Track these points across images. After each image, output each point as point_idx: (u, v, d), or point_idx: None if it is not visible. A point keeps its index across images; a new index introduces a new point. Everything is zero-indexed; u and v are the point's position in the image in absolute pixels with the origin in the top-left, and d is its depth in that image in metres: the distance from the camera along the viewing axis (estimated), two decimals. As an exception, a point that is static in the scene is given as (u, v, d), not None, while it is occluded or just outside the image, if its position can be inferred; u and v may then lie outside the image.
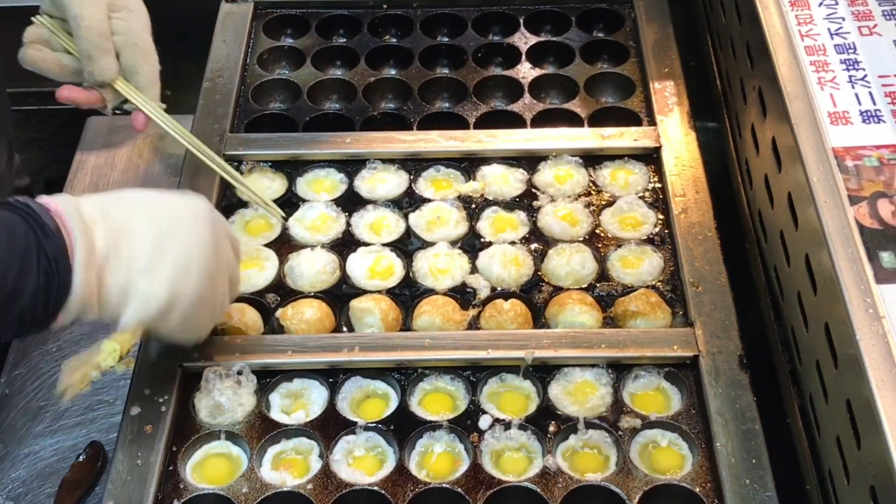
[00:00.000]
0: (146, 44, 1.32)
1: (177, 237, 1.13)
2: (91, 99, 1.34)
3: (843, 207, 1.15)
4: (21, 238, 1.03)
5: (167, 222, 1.13)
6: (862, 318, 1.06)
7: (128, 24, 1.30)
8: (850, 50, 1.32)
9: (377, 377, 1.34)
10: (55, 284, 1.05)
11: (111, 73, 1.29)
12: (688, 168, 1.54)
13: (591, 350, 1.34)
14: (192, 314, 1.15)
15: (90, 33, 1.26)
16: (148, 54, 1.32)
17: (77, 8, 1.26)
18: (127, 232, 1.10)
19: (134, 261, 1.09)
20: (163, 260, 1.11)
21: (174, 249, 1.12)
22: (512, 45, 1.78)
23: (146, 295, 1.11)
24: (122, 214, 1.11)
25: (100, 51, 1.27)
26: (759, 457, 1.22)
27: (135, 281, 1.10)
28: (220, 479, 1.25)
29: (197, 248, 1.14)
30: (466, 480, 1.23)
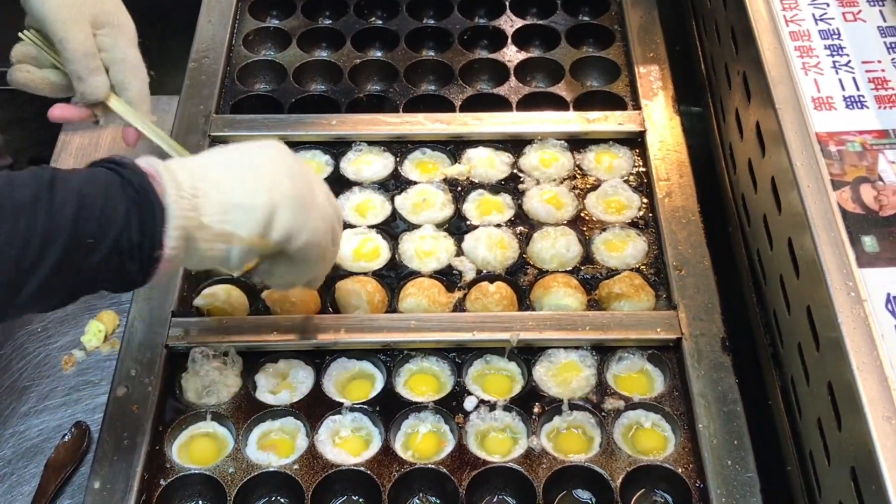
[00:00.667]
0: (134, 59, 1.30)
1: (258, 156, 1.13)
2: (83, 116, 1.33)
3: (825, 192, 1.16)
4: (102, 175, 1.03)
5: (241, 150, 1.14)
6: (844, 301, 1.07)
7: (113, 41, 1.28)
8: (834, 36, 1.33)
9: (363, 358, 1.35)
10: (147, 210, 1.03)
11: (102, 91, 1.28)
12: (672, 152, 1.55)
13: (575, 332, 1.34)
14: (299, 218, 1.12)
15: (76, 55, 1.25)
16: (136, 69, 1.31)
17: (62, 31, 1.25)
18: (208, 166, 1.10)
19: (222, 183, 1.09)
20: (250, 174, 1.11)
21: (259, 164, 1.12)
22: (498, 28, 1.79)
23: (245, 205, 1.09)
24: (199, 158, 1.12)
25: (88, 70, 1.27)
26: (740, 438, 1.23)
27: (231, 198, 1.08)
28: (206, 459, 1.26)
29: (281, 159, 1.14)
30: (452, 461, 1.24)
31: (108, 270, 1.02)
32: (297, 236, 1.13)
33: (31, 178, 0.99)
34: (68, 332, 1.52)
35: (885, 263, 1.09)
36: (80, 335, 1.51)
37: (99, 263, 1.01)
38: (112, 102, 1.30)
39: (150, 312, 1.37)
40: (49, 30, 1.26)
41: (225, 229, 1.08)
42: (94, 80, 1.28)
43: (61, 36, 1.25)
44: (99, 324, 1.51)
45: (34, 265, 0.97)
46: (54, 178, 1.00)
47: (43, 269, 0.97)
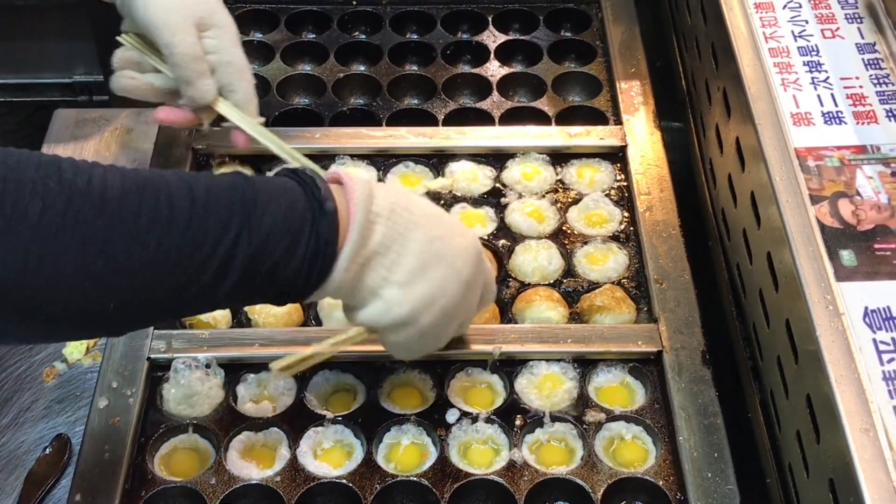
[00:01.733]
0: (240, 60, 1.29)
1: (440, 267, 1.11)
2: (189, 119, 1.32)
3: (804, 206, 1.17)
4: (298, 215, 1.03)
5: (439, 247, 1.11)
6: (822, 314, 1.08)
7: (219, 42, 1.27)
8: (813, 52, 1.34)
9: (346, 370, 1.35)
10: (318, 266, 1.04)
11: (210, 94, 1.27)
12: (653, 167, 1.56)
13: (557, 345, 1.35)
14: (417, 338, 1.14)
15: (185, 59, 1.23)
16: (243, 71, 1.29)
17: (168, 36, 1.23)
18: (401, 239, 1.09)
19: (396, 270, 1.08)
20: (419, 281, 1.10)
21: (433, 276, 1.11)
22: (481, 43, 1.80)
23: (390, 305, 1.10)
24: (405, 221, 1.09)
25: (196, 74, 1.25)
26: (720, 451, 1.24)
27: (387, 288, 1.09)
28: (187, 471, 1.26)
29: (452, 284, 1.13)
30: (434, 473, 1.24)
31: (256, 299, 1.11)
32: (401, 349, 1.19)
33: (230, 201, 1.00)
34: (49, 345, 1.51)
35: (862, 277, 1.11)
36: (61, 347, 1.50)
37: (253, 296, 1.07)
38: (220, 105, 1.29)
39: (132, 324, 1.37)
40: (155, 35, 1.24)
41: (362, 302, 1.11)
42: (202, 84, 1.26)
43: (168, 41, 1.23)
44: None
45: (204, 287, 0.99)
46: (252, 209, 1.00)
47: (210, 293, 1.00)
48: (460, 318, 1.19)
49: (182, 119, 1.32)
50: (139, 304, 0.97)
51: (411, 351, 1.19)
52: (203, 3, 1.26)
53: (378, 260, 1.08)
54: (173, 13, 1.24)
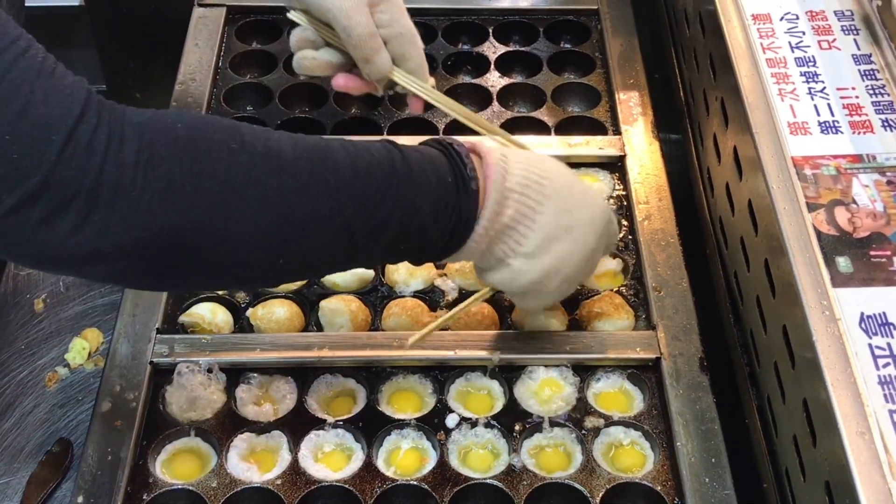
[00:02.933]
0: (409, 30, 1.34)
1: (567, 239, 1.19)
2: (366, 88, 1.39)
3: (801, 214, 1.19)
4: (445, 191, 1.11)
5: (567, 221, 1.19)
6: (819, 320, 1.09)
7: (390, 16, 1.32)
8: (809, 63, 1.36)
9: (347, 375, 1.36)
10: (456, 238, 1.13)
11: (387, 67, 1.33)
12: (651, 176, 1.58)
13: (556, 352, 1.36)
14: (540, 299, 1.25)
15: (362, 40, 1.29)
16: (413, 39, 1.35)
17: (345, 20, 1.28)
18: (532, 213, 1.16)
19: (524, 242, 1.16)
20: (545, 253, 1.18)
21: (558, 249, 1.19)
22: (481, 54, 1.82)
23: (516, 274, 1.18)
24: (536, 195, 1.16)
25: (373, 51, 1.31)
26: (718, 456, 1.25)
27: (514, 258, 1.17)
28: (189, 474, 1.26)
29: (577, 256, 1.21)
30: (433, 477, 1.25)
31: (403, 258, 1.17)
32: (526, 301, 1.27)
33: (388, 169, 1.08)
34: (52, 350, 1.52)
35: (858, 283, 1.12)
36: (64, 352, 1.51)
37: (397, 255, 1.16)
38: (394, 75, 1.34)
39: (134, 329, 1.38)
40: (331, 19, 1.30)
41: (488, 268, 1.20)
42: (379, 59, 1.32)
43: (345, 24, 1.29)
44: (83, 341, 1.52)
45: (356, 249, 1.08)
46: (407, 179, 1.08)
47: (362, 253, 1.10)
48: (583, 278, 1.29)
49: (359, 87, 1.39)
50: (305, 256, 1.06)
51: (531, 306, 1.31)
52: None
53: (507, 233, 1.16)
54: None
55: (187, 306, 1.42)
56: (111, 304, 1.57)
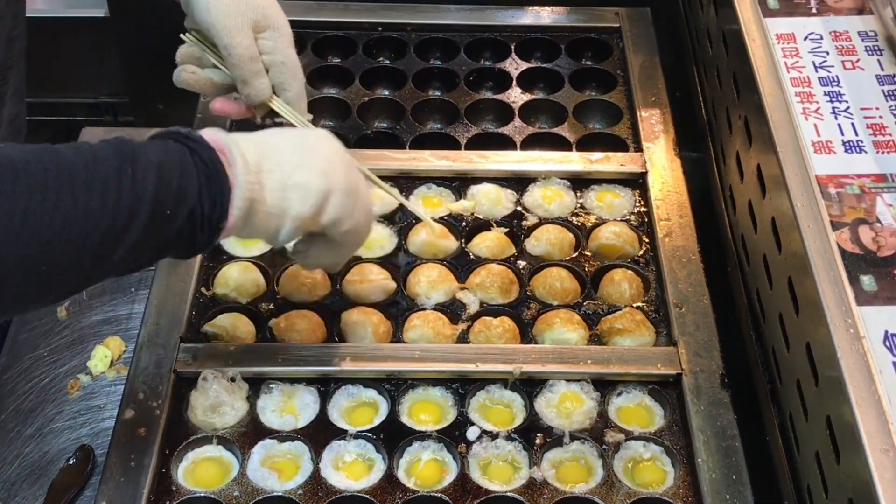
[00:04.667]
0: (292, 61, 1.35)
1: (316, 144, 1.20)
2: (243, 113, 1.39)
3: (825, 233, 1.19)
4: (175, 148, 1.09)
5: (302, 136, 1.22)
6: (843, 338, 1.09)
7: (274, 44, 1.33)
8: (833, 83, 1.37)
9: (368, 386, 1.37)
10: (216, 182, 1.09)
11: (266, 93, 1.34)
12: (672, 193, 1.59)
13: (576, 366, 1.37)
14: (348, 204, 1.20)
15: (242, 60, 1.30)
16: (294, 70, 1.36)
17: (227, 38, 1.29)
18: (272, 145, 1.16)
19: (284, 163, 1.15)
20: (310, 159, 1.17)
21: (317, 151, 1.19)
22: (503, 70, 1.83)
23: (304, 186, 1.16)
24: (261, 135, 1.18)
25: (252, 74, 1.32)
26: (739, 473, 1.26)
27: (291, 178, 1.15)
28: (211, 482, 1.27)
29: (335, 149, 1.22)
30: (454, 489, 1.25)
31: (181, 239, 1.09)
32: (344, 222, 1.21)
33: (115, 153, 1.04)
34: (74, 357, 1.53)
35: (882, 302, 1.12)
36: (86, 360, 1.52)
37: (174, 233, 1.08)
38: (273, 103, 1.35)
39: (158, 337, 1.39)
40: (214, 36, 1.31)
41: (282, 206, 1.15)
42: (258, 83, 1.33)
43: (226, 42, 1.30)
44: (105, 349, 1.53)
45: (121, 234, 1.02)
46: (135, 154, 1.05)
47: (130, 236, 1.03)
48: (361, 176, 1.25)
49: (236, 112, 1.40)
50: (71, 259, 1.01)
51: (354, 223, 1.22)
52: (259, 6, 1.32)
53: (265, 164, 1.13)
54: (231, 17, 1.30)
55: (211, 316, 1.43)
56: (133, 312, 1.58)
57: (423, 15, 1.89)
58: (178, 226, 1.07)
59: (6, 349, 1.55)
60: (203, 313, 1.44)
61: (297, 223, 1.17)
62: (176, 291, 1.45)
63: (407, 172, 1.63)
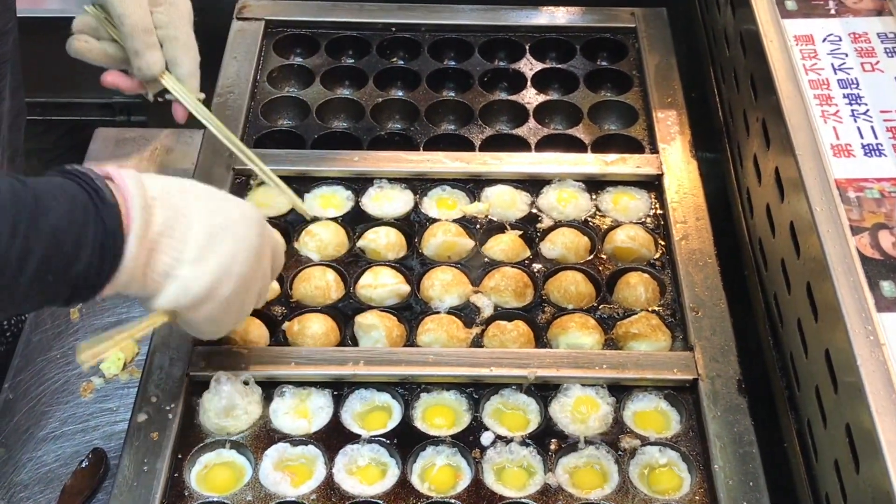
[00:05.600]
0: (187, 36, 1.35)
1: (227, 237, 1.15)
2: (134, 87, 1.38)
3: (844, 237, 1.18)
4: (80, 207, 1.05)
5: (222, 219, 1.16)
6: (863, 344, 1.08)
7: (168, 18, 1.33)
8: (852, 85, 1.35)
9: (381, 390, 1.36)
10: (109, 254, 1.07)
11: (158, 67, 1.33)
12: (689, 196, 1.57)
13: (592, 371, 1.36)
14: (221, 311, 1.18)
15: (135, 31, 1.30)
16: (188, 46, 1.35)
17: (121, 7, 1.29)
18: (184, 218, 1.13)
19: (185, 248, 1.12)
20: (210, 254, 1.14)
21: (222, 248, 1.15)
22: (518, 70, 1.81)
23: (187, 283, 1.13)
24: (181, 202, 1.14)
25: (145, 46, 1.31)
26: (756, 479, 1.24)
27: (179, 268, 1.12)
28: (224, 487, 1.26)
29: (243, 252, 1.17)
30: (468, 495, 1.24)
31: (57, 298, 1.08)
32: (203, 325, 1.20)
33: (14, 203, 1.01)
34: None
35: (903, 308, 1.11)
36: (99, 362, 1.51)
37: (52, 294, 1.06)
38: (164, 79, 1.35)
39: (172, 340, 1.38)
40: (109, 6, 1.30)
41: (156, 290, 1.13)
42: (150, 56, 1.32)
43: (120, 12, 1.30)
44: (118, 352, 1.52)
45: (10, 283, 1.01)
46: (37, 210, 1.02)
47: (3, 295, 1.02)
48: (257, 285, 1.23)
49: (128, 86, 1.39)
50: None
51: (218, 325, 1.22)
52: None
53: (165, 242, 1.11)
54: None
55: (224, 319, 1.42)
56: (146, 315, 1.57)
57: (437, 15, 1.88)
58: (58, 289, 1.06)
59: (19, 351, 1.55)
60: (216, 316, 1.43)
61: (161, 307, 1.15)
62: (189, 294, 1.44)
63: (421, 174, 1.62)
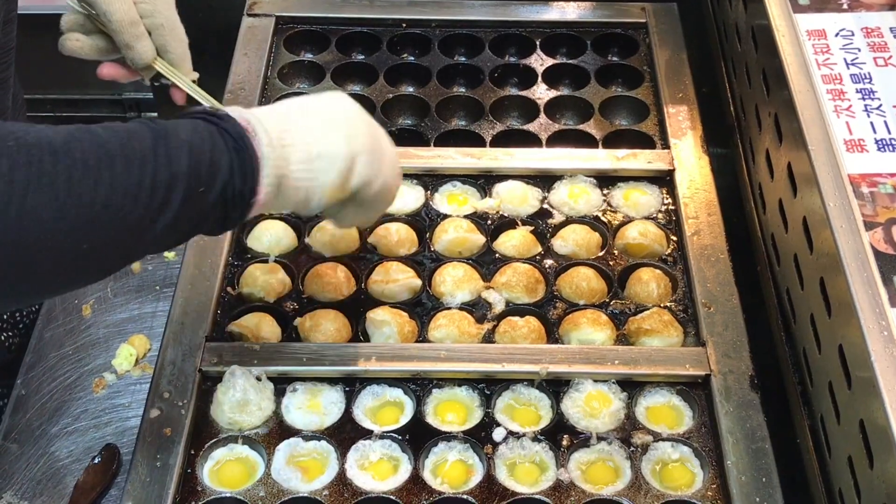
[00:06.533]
0: (172, 22, 1.37)
1: (334, 108, 1.20)
2: (130, 75, 1.41)
3: (858, 232, 1.18)
4: (203, 126, 1.09)
5: (319, 102, 1.20)
6: (877, 340, 1.08)
7: (153, 7, 1.35)
8: (865, 80, 1.35)
9: (393, 386, 1.36)
10: (246, 158, 1.09)
11: (149, 56, 1.35)
12: (701, 191, 1.57)
13: (604, 366, 1.36)
14: (374, 165, 1.20)
15: (122, 25, 1.32)
16: (175, 32, 1.38)
17: (105, 5, 1.31)
18: (291, 117, 1.16)
19: (307, 133, 1.15)
20: (331, 125, 1.17)
21: (336, 115, 1.19)
22: (528, 66, 1.81)
23: (329, 154, 1.15)
24: (280, 107, 1.18)
25: (134, 38, 1.33)
26: (768, 475, 1.24)
27: (315, 149, 1.15)
28: (237, 482, 1.27)
29: (354, 111, 1.22)
30: (480, 491, 1.24)
31: (215, 215, 1.09)
32: (372, 184, 1.21)
33: (148, 131, 1.05)
34: (99, 356, 1.54)
35: (917, 304, 1.11)
36: (111, 358, 1.52)
37: (208, 209, 1.08)
38: (157, 65, 1.37)
39: (184, 336, 1.39)
40: (94, 3, 1.32)
41: (309, 177, 1.15)
42: (140, 47, 1.34)
43: (105, 9, 1.31)
44: (130, 348, 1.53)
45: (161, 209, 1.03)
46: (167, 131, 1.05)
47: (168, 213, 1.03)
48: (384, 136, 1.25)
49: (124, 75, 1.41)
50: (112, 237, 1.02)
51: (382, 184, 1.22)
52: None
53: (289, 136, 1.13)
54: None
55: (236, 315, 1.43)
56: (158, 310, 1.58)
57: (447, 11, 1.88)
58: (212, 202, 1.07)
59: (32, 347, 1.56)
60: (228, 312, 1.43)
61: (327, 192, 1.17)
62: (201, 290, 1.45)
63: (432, 170, 1.61)
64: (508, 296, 1.46)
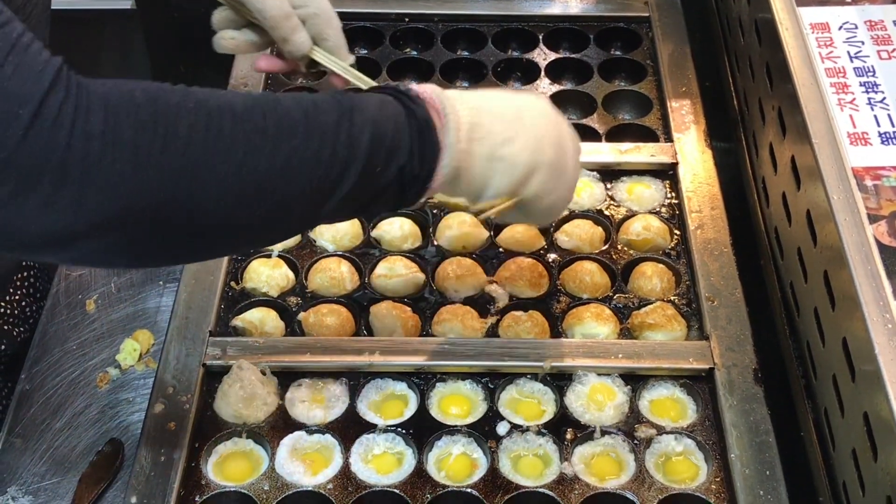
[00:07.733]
0: (325, 10, 1.35)
1: (531, 114, 1.18)
2: (288, 67, 1.40)
3: (862, 226, 1.17)
4: (391, 104, 1.09)
5: (518, 103, 1.19)
6: (881, 332, 1.08)
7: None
8: (869, 73, 1.34)
9: (397, 380, 1.36)
10: (428, 142, 1.09)
11: (306, 46, 1.34)
12: (704, 185, 1.57)
13: (607, 360, 1.36)
14: (550, 182, 1.19)
15: (277, 21, 1.31)
16: (330, 19, 1.36)
17: (258, 3, 1.30)
18: (486, 110, 1.15)
19: (495, 133, 1.14)
20: (520, 132, 1.16)
21: (531, 123, 1.17)
22: (531, 60, 1.81)
23: (511, 161, 1.15)
24: (477, 97, 1.16)
25: (290, 30, 1.32)
26: (772, 468, 1.24)
27: (498, 150, 1.14)
28: (241, 476, 1.27)
29: (550, 121, 1.20)
30: (484, 484, 1.25)
31: (389, 194, 1.09)
32: (544, 199, 1.19)
33: (334, 104, 1.05)
34: (103, 350, 1.53)
35: (921, 296, 1.10)
36: (115, 353, 1.52)
37: (383, 188, 1.07)
38: (315, 54, 1.35)
39: (187, 331, 1.39)
40: (245, 2, 1.30)
41: (486, 175, 1.14)
42: (296, 39, 1.33)
43: (259, 7, 1.30)
44: (134, 342, 1.53)
45: (336, 184, 1.03)
46: (353, 106, 1.05)
47: (342, 188, 1.03)
48: (571, 149, 1.23)
49: (280, 67, 1.40)
50: (284, 206, 1.02)
51: (554, 197, 1.22)
52: None
53: (477, 132, 1.12)
54: None
55: (240, 310, 1.43)
56: (162, 305, 1.58)
57: (450, 5, 1.88)
58: (388, 181, 1.07)
59: (36, 342, 1.56)
60: (232, 307, 1.44)
61: (498, 192, 1.16)
62: (205, 285, 1.45)
63: (435, 164, 1.61)
64: (512, 290, 1.46)
